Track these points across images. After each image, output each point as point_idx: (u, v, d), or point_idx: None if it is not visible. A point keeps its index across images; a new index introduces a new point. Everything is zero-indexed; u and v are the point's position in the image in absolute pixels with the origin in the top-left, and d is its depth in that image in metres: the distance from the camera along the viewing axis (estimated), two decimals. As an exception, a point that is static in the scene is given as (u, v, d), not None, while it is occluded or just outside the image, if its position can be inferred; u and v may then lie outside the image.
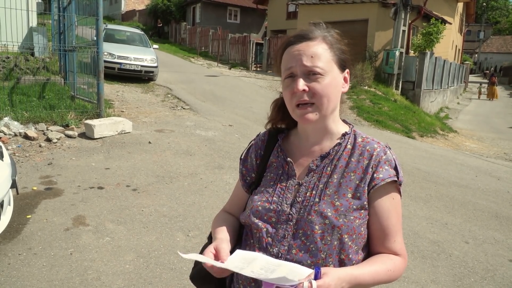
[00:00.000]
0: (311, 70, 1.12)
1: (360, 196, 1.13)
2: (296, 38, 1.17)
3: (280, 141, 1.29)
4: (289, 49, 1.17)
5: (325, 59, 1.14)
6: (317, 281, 0.93)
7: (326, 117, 1.18)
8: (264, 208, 1.18)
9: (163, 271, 3.12)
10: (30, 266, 3.04)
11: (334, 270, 1.00)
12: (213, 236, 1.27)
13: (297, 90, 1.12)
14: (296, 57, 1.14)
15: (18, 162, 5.16)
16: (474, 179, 6.44)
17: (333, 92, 1.16)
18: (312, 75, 1.12)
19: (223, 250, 1.12)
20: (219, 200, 4.47)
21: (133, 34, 13.79)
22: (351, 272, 1.04)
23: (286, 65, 1.16)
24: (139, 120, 7.73)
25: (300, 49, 1.14)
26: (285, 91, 1.18)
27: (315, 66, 1.12)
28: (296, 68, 1.13)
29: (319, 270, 0.96)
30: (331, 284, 0.96)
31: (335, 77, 1.16)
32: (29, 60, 9.36)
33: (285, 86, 1.17)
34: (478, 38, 51.03)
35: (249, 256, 1.11)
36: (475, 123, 16.78)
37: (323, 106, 1.14)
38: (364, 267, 1.10)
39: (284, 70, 1.17)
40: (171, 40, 30.28)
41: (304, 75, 1.13)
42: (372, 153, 1.17)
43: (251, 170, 1.32)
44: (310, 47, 1.14)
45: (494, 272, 3.54)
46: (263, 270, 1.01)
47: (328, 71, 1.14)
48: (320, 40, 1.16)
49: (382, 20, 15.28)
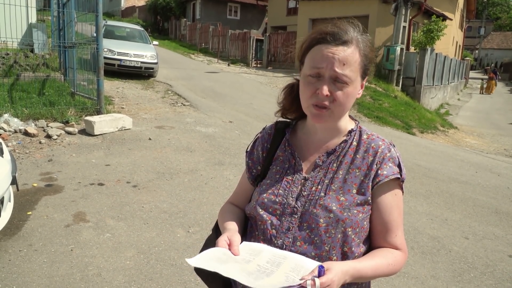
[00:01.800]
0: (339, 77, 1.11)
1: (365, 192, 1.16)
2: (332, 38, 1.13)
3: (288, 135, 1.30)
4: (322, 47, 1.13)
5: (354, 68, 1.13)
6: (320, 278, 0.94)
7: (336, 121, 1.21)
8: (269, 201, 1.20)
9: (164, 267, 3.13)
10: (31, 262, 3.05)
11: (336, 264, 1.01)
12: (221, 227, 1.28)
13: (321, 94, 1.11)
14: (329, 60, 1.11)
15: (18, 159, 5.16)
16: (474, 175, 6.44)
17: (351, 100, 1.17)
18: (338, 82, 1.12)
19: (235, 243, 1.12)
20: (220, 196, 4.47)
21: (133, 30, 13.75)
22: (353, 265, 1.06)
23: (315, 62, 1.14)
24: (139, 117, 7.73)
25: (335, 53, 1.11)
26: (305, 87, 1.16)
27: (344, 74, 1.11)
28: (325, 71, 1.11)
29: (322, 268, 0.97)
30: (334, 280, 0.97)
31: (356, 86, 1.17)
32: (29, 57, 9.33)
33: (306, 82, 1.16)
34: (479, 34, 50.90)
35: (256, 247, 1.12)
36: (476, 120, 16.76)
37: (339, 112, 1.16)
38: (366, 261, 1.12)
39: (311, 67, 1.14)
40: (171, 36, 30.22)
41: (331, 79, 1.12)
42: (377, 150, 1.19)
43: (257, 163, 1.33)
44: (344, 52, 1.12)
45: (493, 268, 3.54)
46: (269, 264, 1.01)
47: (354, 80, 1.14)
48: (354, 46, 1.14)
49: (383, 16, 15.23)
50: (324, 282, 0.94)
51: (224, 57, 21.50)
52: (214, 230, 1.39)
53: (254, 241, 1.20)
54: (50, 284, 2.80)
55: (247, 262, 1.03)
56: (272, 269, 0.99)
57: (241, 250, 1.10)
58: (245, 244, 1.15)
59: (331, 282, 0.96)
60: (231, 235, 1.15)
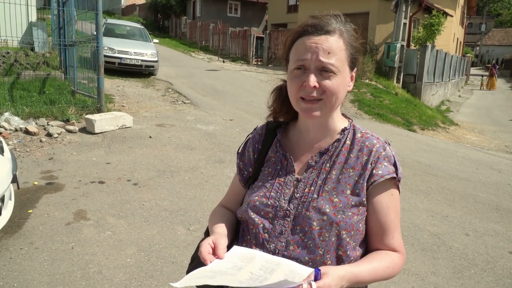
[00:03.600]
0: (325, 66, 1.08)
1: (359, 193, 1.12)
2: (314, 29, 1.11)
3: (279, 136, 1.26)
4: (305, 39, 1.11)
5: (340, 57, 1.10)
6: (317, 282, 0.91)
7: (329, 114, 1.17)
8: (261, 203, 1.16)
9: (164, 265, 3.13)
10: (32, 260, 3.06)
11: (334, 269, 0.98)
12: (210, 231, 1.25)
13: (308, 86, 1.08)
14: (312, 50, 1.08)
15: (19, 157, 5.17)
16: (475, 172, 6.44)
17: (342, 92, 1.13)
18: (325, 71, 1.08)
19: (220, 246, 1.09)
20: (220, 194, 4.47)
21: (133, 28, 13.74)
22: (350, 270, 1.02)
23: (298, 55, 1.11)
24: (140, 115, 7.73)
25: (318, 42, 1.08)
26: (291, 82, 1.13)
27: (330, 63, 1.08)
28: (310, 62, 1.08)
29: (319, 271, 0.94)
30: (332, 284, 0.93)
31: (345, 77, 1.13)
32: (29, 55, 9.34)
33: (292, 77, 1.12)
34: (480, 31, 50.72)
35: (248, 253, 1.08)
36: (477, 116, 16.74)
37: (330, 104, 1.12)
38: (363, 265, 1.08)
39: (295, 60, 1.11)
40: (172, 34, 30.21)
41: (317, 70, 1.08)
42: (371, 149, 1.15)
43: (248, 165, 1.30)
44: (327, 42, 1.09)
45: (494, 264, 3.55)
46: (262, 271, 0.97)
47: (341, 69, 1.10)
48: (338, 35, 1.11)
49: (383, 13, 15.20)
50: (321, 286, 0.91)
51: (225, 55, 21.47)
52: (205, 234, 1.34)
53: (246, 246, 1.17)
54: (51, 282, 2.81)
55: (239, 269, 0.98)
56: (265, 276, 0.95)
57: (232, 256, 1.06)
58: (236, 249, 1.10)
59: (328, 287, 0.92)
60: (216, 238, 1.12)
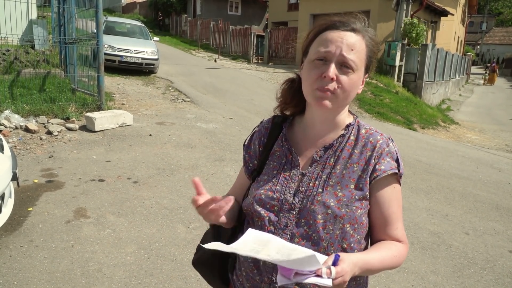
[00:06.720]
0: (347, 62, 1.10)
1: (362, 187, 1.15)
2: (341, 24, 1.14)
3: (285, 130, 1.28)
4: (331, 32, 1.13)
5: (360, 56, 1.13)
6: (335, 267, 0.94)
7: (338, 110, 1.19)
8: (267, 197, 1.18)
9: (164, 263, 3.13)
10: (32, 258, 3.06)
11: (348, 255, 1.01)
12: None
13: (327, 77, 1.09)
14: (337, 43, 1.10)
15: (19, 155, 5.17)
16: (475, 171, 6.43)
17: (354, 91, 1.16)
18: (345, 67, 1.10)
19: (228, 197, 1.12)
20: (220, 192, 4.46)
21: (133, 26, 13.73)
22: (361, 257, 1.05)
23: (322, 46, 1.12)
24: (140, 113, 7.73)
25: (344, 37, 1.11)
26: (310, 71, 1.13)
27: (351, 59, 1.10)
28: (334, 54, 1.10)
29: (338, 257, 0.96)
30: (348, 270, 0.96)
31: (360, 76, 1.16)
32: (29, 53, 9.33)
33: (312, 67, 1.13)
34: (481, 30, 50.67)
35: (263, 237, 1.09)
36: (477, 115, 16.72)
37: (342, 100, 1.14)
38: (372, 253, 1.12)
39: (317, 51, 1.13)
40: (172, 32, 30.15)
41: (338, 63, 1.10)
42: (375, 145, 1.18)
43: (254, 157, 1.32)
44: (352, 38, 1.12)
45: (494, 263, 3.55)
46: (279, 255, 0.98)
47: (359, 69, 1.13)
48: (361, 35, 1.14)
49: (384, 12, 15.17)
50: (339, 272, 0.93)
51: (225, 53, 21.45)
52: (211, 224, 1.36)
53: None
54: (51, 280, 2.81)
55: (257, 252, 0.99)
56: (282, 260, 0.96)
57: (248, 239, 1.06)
58: (251, 232, 1.10)
59: (345, 272, 0.95)
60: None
